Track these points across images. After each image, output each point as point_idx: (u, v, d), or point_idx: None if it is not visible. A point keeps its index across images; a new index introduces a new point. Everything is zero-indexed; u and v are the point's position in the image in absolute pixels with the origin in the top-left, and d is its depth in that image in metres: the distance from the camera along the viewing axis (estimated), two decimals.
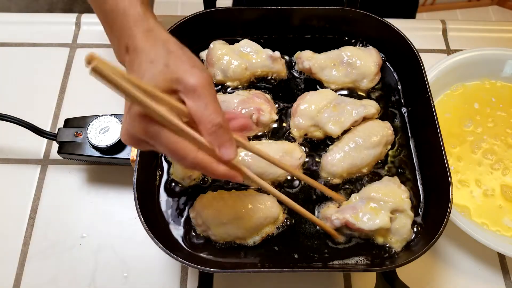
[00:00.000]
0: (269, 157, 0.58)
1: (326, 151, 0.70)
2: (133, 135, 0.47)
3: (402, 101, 0.76)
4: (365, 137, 0.69)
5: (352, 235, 0.64)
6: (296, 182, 0.69)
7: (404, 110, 0.75)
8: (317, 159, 0.70)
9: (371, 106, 0.72)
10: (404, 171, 0.70)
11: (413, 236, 0.64)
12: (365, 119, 0.72)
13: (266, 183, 0.56)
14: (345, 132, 0.71)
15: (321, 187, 0.65)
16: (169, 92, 0.46)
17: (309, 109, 0.71)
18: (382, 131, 0.70)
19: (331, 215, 0.63)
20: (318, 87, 0.77)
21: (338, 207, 0.65)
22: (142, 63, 0.48)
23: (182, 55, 0.48)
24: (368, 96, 0.76)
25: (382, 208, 0.62)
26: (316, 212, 0.66)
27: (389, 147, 0.72)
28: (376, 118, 0.73)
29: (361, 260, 0.63)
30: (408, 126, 0.74)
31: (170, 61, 0.47)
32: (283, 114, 0.74)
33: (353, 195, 0.66)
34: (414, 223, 0.64)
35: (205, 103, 0.46)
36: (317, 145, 0.72)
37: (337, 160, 0.67)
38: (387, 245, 0.63)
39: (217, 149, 0.47)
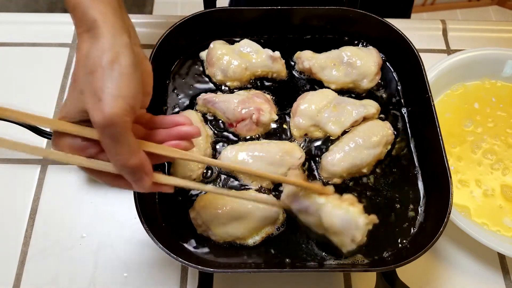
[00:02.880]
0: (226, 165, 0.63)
1: (326, 151, 0.70)
2: None
3: (402, 101, 0.76)
4: (365, 137, 0.68)
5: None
6: None
7: (404, 110, 0.75)
8: (317, 159, 0.70)
9: (371, 106, 0.72)
10: (404, 171, 0.70)
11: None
12: (365, 119, 0.72)
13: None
14: (345, 132, 0.71)
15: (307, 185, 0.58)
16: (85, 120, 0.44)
17: (309, 109, 0.71)
18: (382, 131, 0.70)
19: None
20: (318, 87, 0.77)
21: None
22: (71, 83, 0.45)
23: (103, 77, 0.40)
24: (368, 96, 0.76)
25: None
26: None
27: (389, 147, 0.72)
28: (376, 118, 0.73)
29: (361, 260, 0.63)
30: (408, 126, 0.74)
31: (86, 86, 0.41)
32: (283, 114, 0.74)
33: None
34: (414, 223, 0.65)
35: (105, 144, 0.42)
36: (317, 145, 0.72)
37: (337, 160, 0.67)
38: (388, 245, 0.63)
39: (130, 182, 0.46)
